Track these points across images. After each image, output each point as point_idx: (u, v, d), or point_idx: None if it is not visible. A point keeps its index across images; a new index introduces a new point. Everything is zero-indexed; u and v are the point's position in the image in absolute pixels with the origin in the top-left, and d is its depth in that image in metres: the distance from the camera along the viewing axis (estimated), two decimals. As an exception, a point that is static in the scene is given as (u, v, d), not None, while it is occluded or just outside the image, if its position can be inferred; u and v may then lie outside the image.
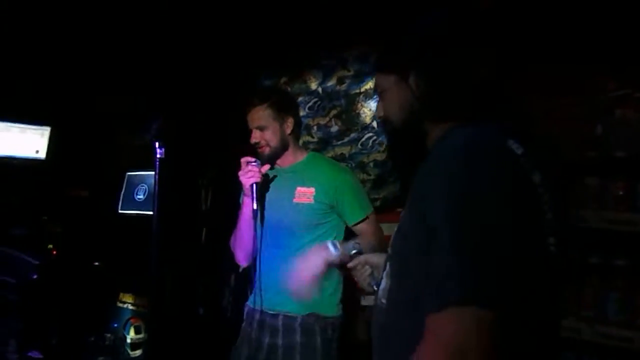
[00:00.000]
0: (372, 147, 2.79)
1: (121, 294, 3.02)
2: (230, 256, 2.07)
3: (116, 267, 3.04)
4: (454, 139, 0.91)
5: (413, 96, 1.02)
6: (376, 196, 2.73)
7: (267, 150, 1.92)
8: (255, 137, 1.92)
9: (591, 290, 2.06)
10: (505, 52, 1.02)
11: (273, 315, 1.88)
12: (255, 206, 1.82)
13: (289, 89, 3.08)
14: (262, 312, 1.89)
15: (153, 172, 1.80)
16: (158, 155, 1.76)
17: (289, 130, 1.95)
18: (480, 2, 2.43)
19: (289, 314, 1.85)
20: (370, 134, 2.81)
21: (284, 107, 1.96)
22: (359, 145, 2.85)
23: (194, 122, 3.17)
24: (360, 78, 2.87)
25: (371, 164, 2.79)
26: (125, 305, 2.98)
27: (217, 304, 2.96)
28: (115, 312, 2.98)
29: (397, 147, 1.13)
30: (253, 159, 1.89)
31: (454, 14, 1.03)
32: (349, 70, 2.93)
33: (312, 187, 1.89)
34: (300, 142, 2.99)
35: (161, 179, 1.78)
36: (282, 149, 1.96)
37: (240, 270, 2.25)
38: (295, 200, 1.88)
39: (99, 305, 2.97)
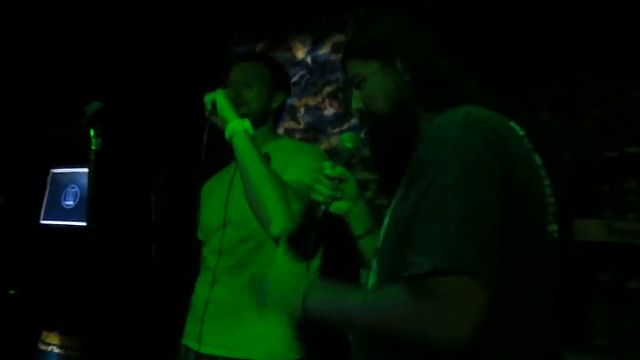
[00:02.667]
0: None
1: (45, 333, 3.02)
2: (188, 280, 2.09)
3: (38, 296, 3.05)
4: (453, 114, 1.10)
5: (403, 82, 1.26)
6: (383, 202, 2.75)
7: (243, 111, 1.92)
8: (235, 92, 1.92)
9: (604, 314, 2.18)
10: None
11: (213, 358, 1.85)
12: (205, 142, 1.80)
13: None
14: (198, 353, 1.87)
15: (87, 170, 1.79)
16: (94, 148, 1.76)
17: (274, 105, 2.02)
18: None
19: (237, 359, 1.81)
20: (377, 120, 2.83)
21: (281, 78, 2.05)
22: (362, 135, 2.83)
23: (143, 104, 3.19)
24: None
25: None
26: (50, 348, 2.97)
27: (172, 342, 2.94)
28: (36, 357, 2.96)
29: (380, 141, 1.34)
30: None
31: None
32: (347, 36, 2.91)
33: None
34: (282, 129, 3.07)
35: (98, 179, 1.78)
36: (261, 120, 1.98)
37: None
38: None
39: (16, 348, 2.96)
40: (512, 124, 1.14)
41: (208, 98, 1.80)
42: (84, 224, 2.85)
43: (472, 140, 1.03)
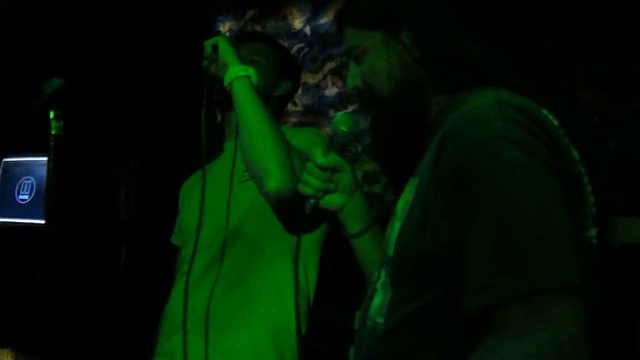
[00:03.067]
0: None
1: (-5, 351, 2.98)
2: (165, 287, 2.03)
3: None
4: (480, 99, 1.07)
5: (410, 59, 1.21)
6: (394, 198, 2.72)
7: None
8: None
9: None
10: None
11: None
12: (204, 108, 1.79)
13: (258, 27, 3.06)
14: None
15: (45, 158, 1.77)
16: (54, 132, 1.73)
17: (278, 92, 2.06)
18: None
19: None
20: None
21: (291, 67, 2.13)
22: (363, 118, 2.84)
23: (111, 80, 3.13)
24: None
25: (387, 148, 2.80)
26: (0, 367, 2.94)
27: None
28: (-16, 378, 2.93)
29: (382, 127, 1.30)
30: None
31: None
32: None
33: None
34: None
35: (58, 169, 1.74)
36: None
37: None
38: (242, 182, 1.88)
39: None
40: (545, 111, 1.09)
41: (208, 42, 1.83)
42: (41, 221, 2.82)
43: (518, 133, 0.98)
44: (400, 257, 1.11)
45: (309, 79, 3.04)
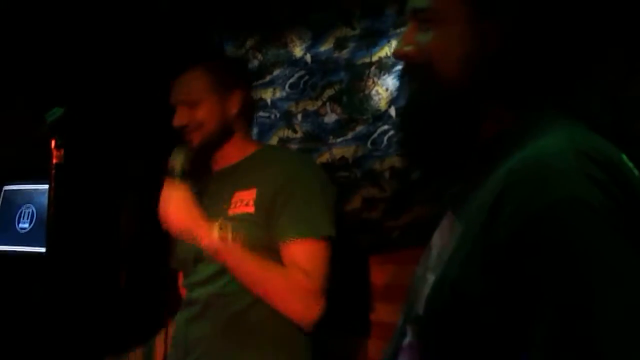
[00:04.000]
0: (389, 147, 2.76)
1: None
2: (165, 314, 2.06)
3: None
4: (548, 143, 0.93)
5: (491, 49, 1.02)
6: (393, 224, 2.71)
7: (197, 138, 1.95)
8: (181, 117, 1.96)
9: None
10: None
11: None
12: None
13: (259, 56, 3.07)
14: None
15: (46, 186, 1.80)
16: (55, 160, 1.75)
17: (234, 110, 2.02)
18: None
19: None
20: (387, 127, 2.76)
21: (229, 73, 2.07)
22: (369, 145, 2.81)
23: (113, 110, 3.15)
24: (371, 40, 2.83)
25: (386, 174, 2.75)
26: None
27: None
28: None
29: (424, 111, 1.07)
30: None
31: None
32: (354, 28, 2.90)
33: (253, 187, 1.90)
34: (276, 138, 3.07)
35: (59, 197, 1.77)
36: (222, 135, 1.98)
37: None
38: (231, 212, 1.89)
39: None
40: (624, 157, 0.94)
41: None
42: (42, 249, 2.82)
43: (597, 197, 0.84)
44: (433, 318, 0.99)
45: (309, 105, 3.01)
